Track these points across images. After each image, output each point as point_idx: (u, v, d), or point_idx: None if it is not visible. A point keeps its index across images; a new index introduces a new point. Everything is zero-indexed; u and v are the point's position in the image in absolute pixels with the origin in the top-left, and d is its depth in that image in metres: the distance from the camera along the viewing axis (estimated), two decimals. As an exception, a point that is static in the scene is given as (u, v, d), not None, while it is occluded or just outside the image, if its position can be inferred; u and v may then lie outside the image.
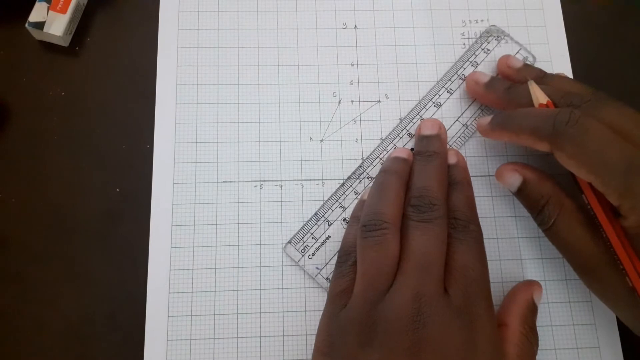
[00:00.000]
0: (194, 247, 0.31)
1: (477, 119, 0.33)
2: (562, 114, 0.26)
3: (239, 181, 0.32)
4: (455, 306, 0.24)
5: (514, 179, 0.30)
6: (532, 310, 0.28)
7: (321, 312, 0.27)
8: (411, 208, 0.27)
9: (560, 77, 0.31)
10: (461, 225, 0.27)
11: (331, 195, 0.32)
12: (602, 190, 0.25)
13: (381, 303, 0.24)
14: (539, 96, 0.29)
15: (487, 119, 0.30)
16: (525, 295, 0.28)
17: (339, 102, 0.34)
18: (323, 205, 0.32)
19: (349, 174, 0.32)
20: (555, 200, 0.28)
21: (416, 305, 0.24)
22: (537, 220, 0.29)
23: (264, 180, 0.32)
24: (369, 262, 0.26)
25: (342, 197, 0.32)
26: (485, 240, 0.27)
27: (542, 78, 0.31)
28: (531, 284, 0.29)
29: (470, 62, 0.34)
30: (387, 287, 0.25)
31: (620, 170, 0.24)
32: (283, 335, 0.30)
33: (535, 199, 0.29)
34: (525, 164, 0.31)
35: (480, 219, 0.28)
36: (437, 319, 0.23)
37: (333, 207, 0.32)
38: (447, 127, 0.33)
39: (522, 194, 0.29)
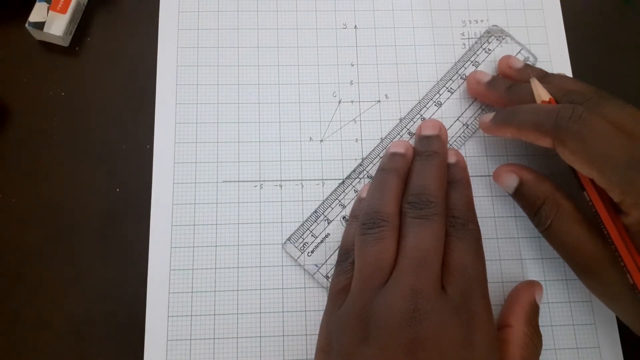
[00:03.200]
0: (194, 247, 0.31)
1: (477, 118, 0.33)
2: (565, 110, 0.26)
3: (239, 181, 0.32)
4: (453, 304, 0.24)
5: (511, 180, 0.30)
6: (535, 310, 0.28)
7: (321, 312, 0.27)
8: (408, 205, 0.27)
9: (561, 77, 0.31)
10: (460, 224, 0.27)
11: (331, 193, 0.32)
12: (604, 186, 0.25)
13: (376, 298, 0.24)
14: (542, 93, 0.29)
15: (490, 115, 0.31)
16: (528, 296, 0.28)
17: (339, 102, 0.34)
18: (323, 203, 0.32)
19: (349, 173, 0.32)
20: (552, 201, 0.28)
21: (412, 302, 0.23)
22: (534, 221, 0.29)
23: (264, 180, 0.32)
24: (366, 258, 0.26)
25: (342, 195, 0.32)
26: (485, 240, 0.27)
27: (544, 77, 0.31)
28: (532, 284, 0.29)
29: (471, 62, 0.34)
30: (383, 283, 0.25)
31: (623, 166, 0.24)
32: (283, 335, 0.30)
33: (532, 199, 0.29)
34: (523, 165, 0.31)
35: (480, 219, 0.28)
36: (434, 317, 0.23)
37: (333, 205, 0.32)
38: (447, 127, 0.33)
39: (519, 194, 0.29)
